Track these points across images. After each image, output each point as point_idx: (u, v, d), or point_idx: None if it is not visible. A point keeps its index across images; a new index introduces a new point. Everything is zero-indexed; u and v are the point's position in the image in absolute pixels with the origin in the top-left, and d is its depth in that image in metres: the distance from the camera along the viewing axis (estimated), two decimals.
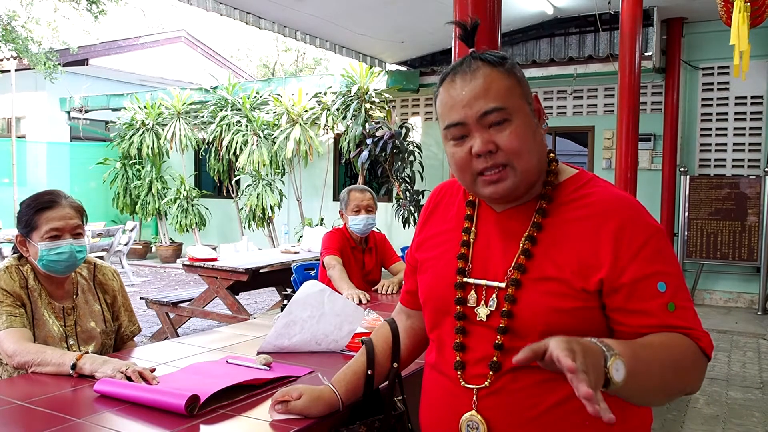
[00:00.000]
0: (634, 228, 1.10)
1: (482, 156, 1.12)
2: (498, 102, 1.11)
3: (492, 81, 1.12)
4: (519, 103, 1.14)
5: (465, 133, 1.14)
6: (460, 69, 1.15)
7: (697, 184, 7.29)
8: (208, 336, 2.34)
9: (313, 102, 9.12)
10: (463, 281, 1.19)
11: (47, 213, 1.97)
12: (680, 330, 1.07)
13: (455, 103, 1.14)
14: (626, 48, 5.12)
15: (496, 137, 1.12)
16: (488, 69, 1.13)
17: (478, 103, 1.11)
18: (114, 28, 21.08)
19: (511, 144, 1.11)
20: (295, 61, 22.91)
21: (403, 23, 7.40)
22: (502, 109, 1.11)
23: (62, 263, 1.97)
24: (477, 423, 1.14)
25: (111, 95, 11.41)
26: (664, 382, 1.04)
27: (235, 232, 10.40)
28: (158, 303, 5.55)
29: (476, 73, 1.13)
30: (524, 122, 1.13)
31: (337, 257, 3.39)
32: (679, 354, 1.05)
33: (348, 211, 3.54)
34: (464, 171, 1.16)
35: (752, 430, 3.73)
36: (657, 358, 1.03)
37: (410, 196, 8.19)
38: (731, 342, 5.76)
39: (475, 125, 1.12)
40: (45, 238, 1.94)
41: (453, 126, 1.15)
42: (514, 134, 1.11)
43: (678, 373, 1.05)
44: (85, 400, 1.57)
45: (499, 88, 1.12)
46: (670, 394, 1.10)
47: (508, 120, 1.12)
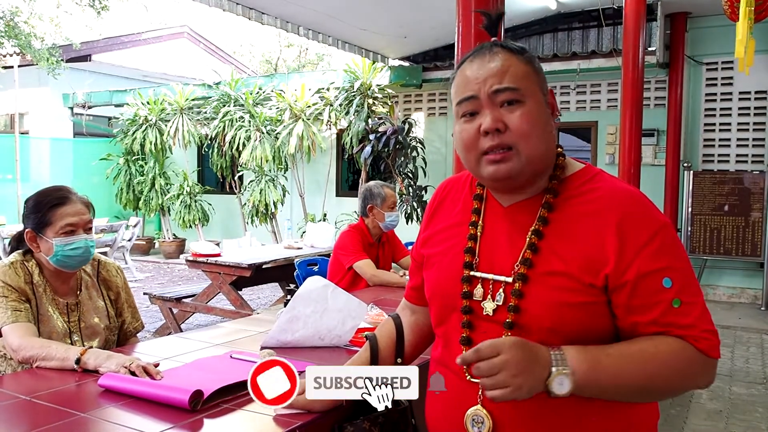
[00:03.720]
0: (640, 223, 1.10)
1: (490, 134, 1.12)
2: (513, 82, 1.13)
3: (510, 64, 1.14)
4: (534, 89, 1.15)
5: (476, 108, 1.15)
6: (479, 53, 1.18)
7: (700, 179, 7.26)
8: (211, 331, 2.35)
9: (316, 98, 9.11)
10: (469, 275, 1.19)
11: (61, 209, 1.98)
12: (677, 330, 1.06)
13: (470, 80, 1.15)
14: (630, 43, 5.11)
15: (506, 117, 1.12)
16: (508, 54, 1.15)
17: (492, 80, 1.13)
18: (116, 23, 21.10)
19: (521, 125, 1.12)
20: (297, 56, 22.89)
21: (406, 18, 7.38)
22: (515, 90, 1.12)
23: (77, 258, 1.99)
24: (482, 417, 1.14)
25: (114, 91, 11.41)
26: (639, 387, 1.07)
27: (238, 228, 10.40)
28: (161, 298, 5.56)
29: (495, 56, 1.15)
30: (537, 108, 1.14)
31: (368, 261, 3.47)
32: (662, 361, 1.05)
33: (385, 207, 3.57)
34: (470, 149, 1.16)
35: (755, 426, 3.73)
36: (630, 365, 1.06)
37: (413, 192, 8.18)
38: (734, 337, 5.76)
39: (486, 101, 1.13)
40: (60, 234, 1.95)
41: (465, 100, 1.16)
42: (525, 116, 1.12)
43: (656, 380, 1.06)
44: (89, 395, 1.58)
45: (515, 71, 1.13)
46: (657, 395, 1.14)
47: (521, 102, 1.12)
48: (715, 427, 3.71)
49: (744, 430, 3.67)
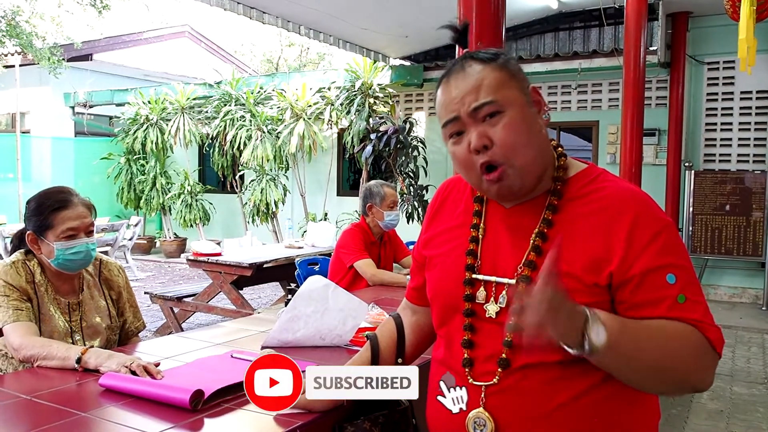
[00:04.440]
0: (644, 222, 1.10)
1: (480, 151, 1.13)
2: (488, 96, 1.12)
3: (483, 77, 1.13)
4: (513, 95, 1.14)
5: (461, 128, 1.15)
6: (453, 69, 1.18)
7: (701, 179, 7.26)
8: (212, 330, 2.35)
9: (317, 97, 9.11)
10: (471, 278, 1.19)
11: (63, 212, 1.97)
12: (688, 321, 1.06)
13: (449, 101, 1.15)
14: (631, 42, 5.10)
15: (489, 131, 1.12)
16: (479, 66, 1.15)
17: (469, 98, 1.13)
18: (118, 23, 21.09)
19: (506, 138, 1.11)
20: (298, 56, 22.88)
21: (407, 18, 7.38)
22: (492, 102, 1.12)
23: (78, 262, 1.99)
24: (484, 420, 1.13)
25: (115, 90, 11.42)
26: (656, 363, 1.03)
27: (239, 227, 10.40)
28: (162, 298, 5.56)
29: (468, 71, 1.15)
30: (519, 114, 1.13)
31: (369, 261, 3.47)
32: (678, 340, 1.04)
33: (384, 206, 3.57)
34: (468, 169, 1.17)
35: (756, 426, 3.73)
36: (650, 337, 1.03)
37: (414, 192, 8.18)
38: (735, 337, 5.75)
39: (468, 120, 1.13)
40: (61, 238, 1.95)
41: (449, 122, 1.16)
42: (507, 127, 1.12)
43: (674, 359, 1.04)
44: (90, 394, 1.58)
45: (489, 83, 1.13)
46: (666, 379, 1.06)
47: (501, 112, 1.12)
48: (716, 427, 3.71)
49: (745, 430, 3.67)
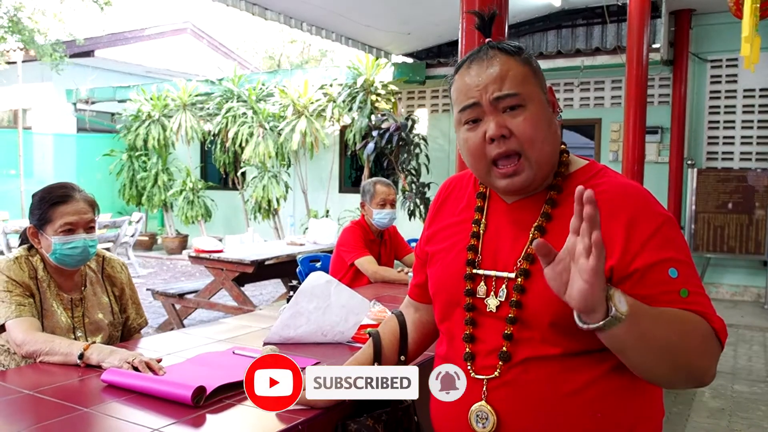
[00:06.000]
0: (644, 217, 1.10)
1: (495, 141, 1.12)
2: (513, 88, 1.12)
3: (508, 68, 1.13)
4: (534, 91, 1.14)
5: (479, 116, 1.14)
6: (476, 57, 1.16)
7: (704, 177, 7.24)
8: (214, 327, 2.35)
9: (319, 94, 9.09)
10: (472, 272, 1.20)
11: (62, 207, 1.97)
12: (694, 311, 1.05)
13: (470, 87, 1.14)
14: (634, 40, 5.09)
15: (509, 122, 1.12)
16: (505, 57, 1.14)
17: (493, 86, 1.12)
18: (120, 19, 21.08)
19: (525, 130, 1.11)
20: (300, 52, 22.85)
21: (410, 15, 7.37)
22: (516, 95, 1.12)
23: (75, 257, 1.98)
24: (486, 413, 1.14)
25: (117, 87, 11.41)
26: (670, 344, 1.00)
27: (240, 224, 10.41)
28: (164, 294, 5.57)
29: (492, 61, 1.14)
30: (539, 110, 1.13)
31: (370, 258, 3.47)
32: (691, 324, 1.03)
33: (373, 204, 3.56)
34: (478, 158, 1.16)
35: (758, 424, 3.73)
36: (663, 317, 1.01)
37: (416, 189, 8.17)
38: (737, 335, 5.75)
39: (489, 108, 1.13)
40: (59, 232, 1.95)
41: (467, 108, 1.15)
42: (528, 121, 1.12)
43: (685, 341, 1.01)
44: (92, 390, 1.58)
45: (515, 75, 1.13)
46: (676, 362, 1.03)
47: (523, 106, 1.12)
48: (718, 425, 3.71)
49: (746, 427, 3.67)
